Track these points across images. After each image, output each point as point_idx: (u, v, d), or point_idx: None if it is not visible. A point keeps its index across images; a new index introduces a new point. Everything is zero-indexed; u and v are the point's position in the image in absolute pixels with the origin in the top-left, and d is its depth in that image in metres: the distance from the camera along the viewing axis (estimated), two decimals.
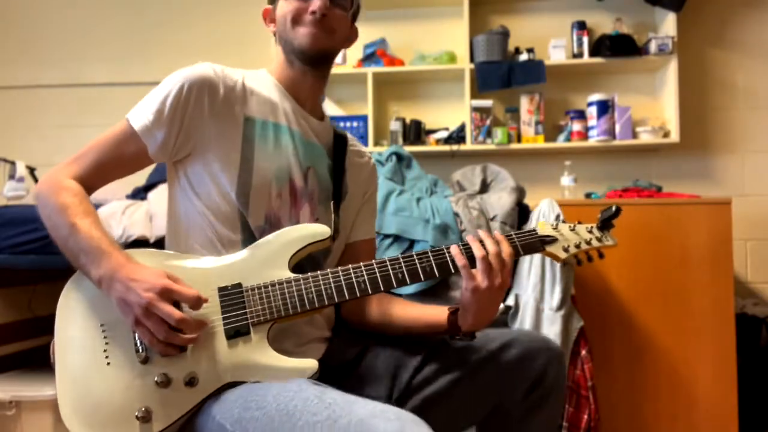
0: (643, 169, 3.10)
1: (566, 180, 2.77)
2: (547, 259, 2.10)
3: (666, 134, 3.00)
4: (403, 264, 1.10)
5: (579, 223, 1.20)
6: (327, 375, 1.07)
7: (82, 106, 3.41)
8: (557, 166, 2.90)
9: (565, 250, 1.16)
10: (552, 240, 1.16)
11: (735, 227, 2.37)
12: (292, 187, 1.18)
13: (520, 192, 2.30)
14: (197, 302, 1.00)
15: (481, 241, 1.10)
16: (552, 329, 2.07)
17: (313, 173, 1.22)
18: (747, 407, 2.40)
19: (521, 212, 2.25)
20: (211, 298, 1.05)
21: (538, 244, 1.16)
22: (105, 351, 1.03)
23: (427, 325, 1.21)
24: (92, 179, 1.14)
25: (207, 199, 1.14)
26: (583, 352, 2.11)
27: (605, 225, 1.19)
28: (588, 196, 2.86)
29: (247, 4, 3.38)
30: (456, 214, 2.19)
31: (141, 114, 1.13)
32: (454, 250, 1.10)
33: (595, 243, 1.18)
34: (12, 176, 2.60)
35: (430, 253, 1.11)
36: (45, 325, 2.39)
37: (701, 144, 3.09)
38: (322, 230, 1.13)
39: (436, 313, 1.20)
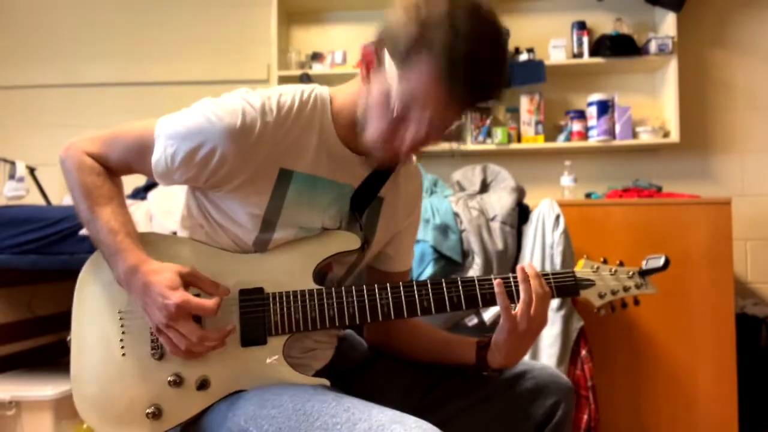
0: (643, 169, 3.09)
1: (566, 180, 2.77)
2: (546, 259, 2.09)
3: (666, 134, 3.00)
4: (430, 291, 1.05)
5: (621, 265, 1.12)
6: (333, 378, 1.06)
7: (82, 106, 3.40)
8: (557, 166, 2.90)
9: (601, 296, 1.09)
10: (589, 284, 1.09)
11: (735, 227, 2.37)
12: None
13: (520, 192, 2.30)
14: (215, 312, 0.97)
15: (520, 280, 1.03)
16: (552, 329, 2.07)
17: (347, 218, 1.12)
18: (747, 407, 2.40)
19: (521, 212, 2.25)
20: (231, 299, 1.03)
21: (575, 288, 1.08)
22: (121, 341, 1.04)
23: (453, 359, 1.15)
24: (114, 168, 1.09)
25: (224, 222, 1.07)
26: (583, 352, 2.11)
27: (648, 272, 1.11)
28: (588, 196, 2.86)
29: (246, 4, 3.38)
30: (456, 214, 2.19)
31: (164, 150, 1.02)
32: (499, 288, 1.02)
33: (633, 291, 1.10)
34: (12, 176, 2.60)
35: (459, 283, 1.06)
36: (45, 325, 2.40)
37: (701, 144, 3.09)
38: (352, 240, 1.08)
39: (463, 346, 1.14)
